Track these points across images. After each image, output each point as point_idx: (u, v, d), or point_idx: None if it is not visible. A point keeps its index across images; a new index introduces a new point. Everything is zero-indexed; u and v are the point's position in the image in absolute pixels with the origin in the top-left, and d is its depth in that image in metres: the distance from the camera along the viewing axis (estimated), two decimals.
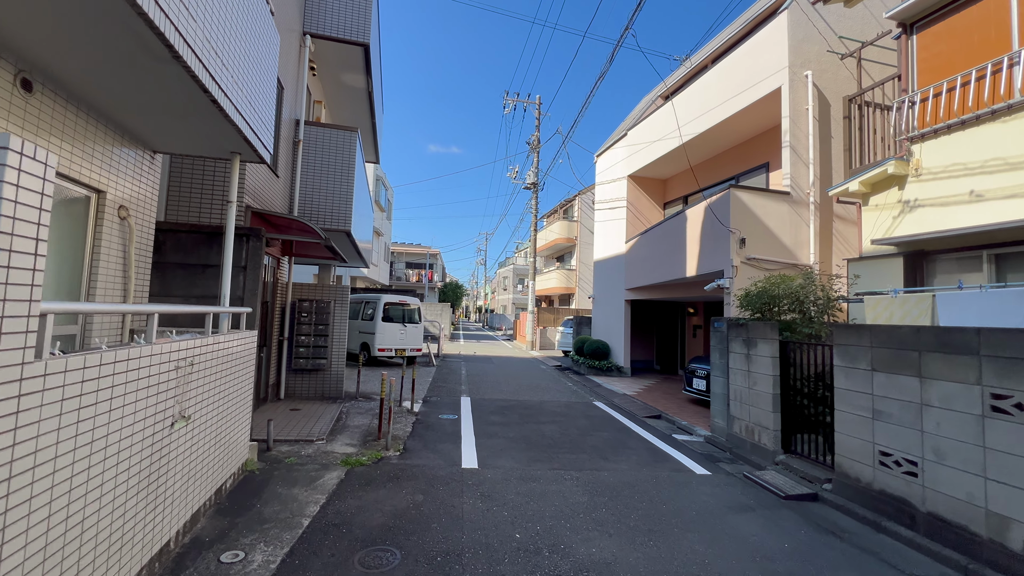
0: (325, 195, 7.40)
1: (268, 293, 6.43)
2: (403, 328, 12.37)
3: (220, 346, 3.38)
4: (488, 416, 7.10)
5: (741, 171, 9.75)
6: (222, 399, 3.46)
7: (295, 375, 7.26)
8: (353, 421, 6.23)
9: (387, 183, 29.28)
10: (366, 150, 12.73)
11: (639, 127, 12.12)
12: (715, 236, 7.43)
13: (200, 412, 3.06)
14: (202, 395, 3.07)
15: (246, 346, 4.02)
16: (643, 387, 10.57)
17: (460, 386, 9.83)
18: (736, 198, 7.06)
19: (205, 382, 3.12)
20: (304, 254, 7.24)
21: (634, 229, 12.42)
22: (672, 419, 7.41)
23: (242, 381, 3.95)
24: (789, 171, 7.30)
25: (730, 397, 6.04)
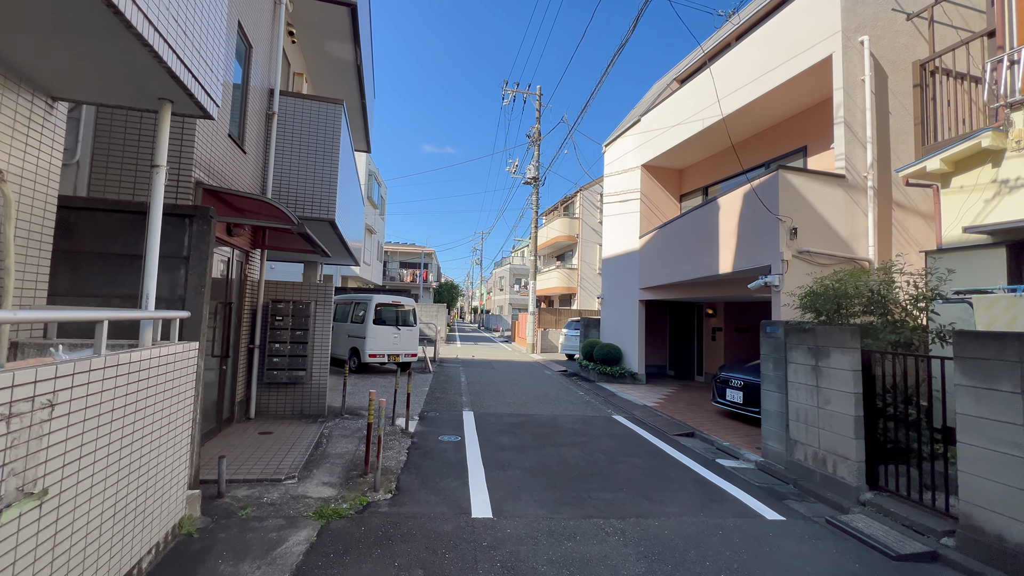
0: (305, 178, 6.32)
1: (232, 293, 5.33)
2: (396, 331, 11.28)
3: (127, 367, 2.30)
4: (496, 437, 6.05)
5: (772, 157, 8.77)
6: (133, 444, 2.39)
7: (268, 390, 6.16)
8: (335, 447, 5.14)
9: (380, 179, 28.15)
10: (356, 136, 11.63)
11: (654, 112, 11.12)
12: (758, 226, 6.43)
13: (80, 475, 1.98)
14: (84, 448, 2.00)
15: (181, 363, 2.94)
16: (662, 396, 9.56)
17: (461, 397, 8.76)
18: (786, 181, 6.06)
19: (92, 426, 2.05)
20: (281, 246, 6.15)
21: (649, 223, 11.42)
22: (708, 438, 6.40)
23: (174, 411, 2.87)
24: (844, 151, 6.31)
25: (789, 416, 5.03)
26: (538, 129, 20.77)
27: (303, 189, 6.30)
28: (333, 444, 5.26)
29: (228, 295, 5.21)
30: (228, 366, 5.36)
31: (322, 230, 7.04)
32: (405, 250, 40.56)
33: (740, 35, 9.17)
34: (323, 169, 6.39)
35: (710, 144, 9.97)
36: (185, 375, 3.01)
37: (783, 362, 5.17)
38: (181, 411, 2.98)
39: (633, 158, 12.00)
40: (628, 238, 11.97)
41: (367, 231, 25.86)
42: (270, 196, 6.07)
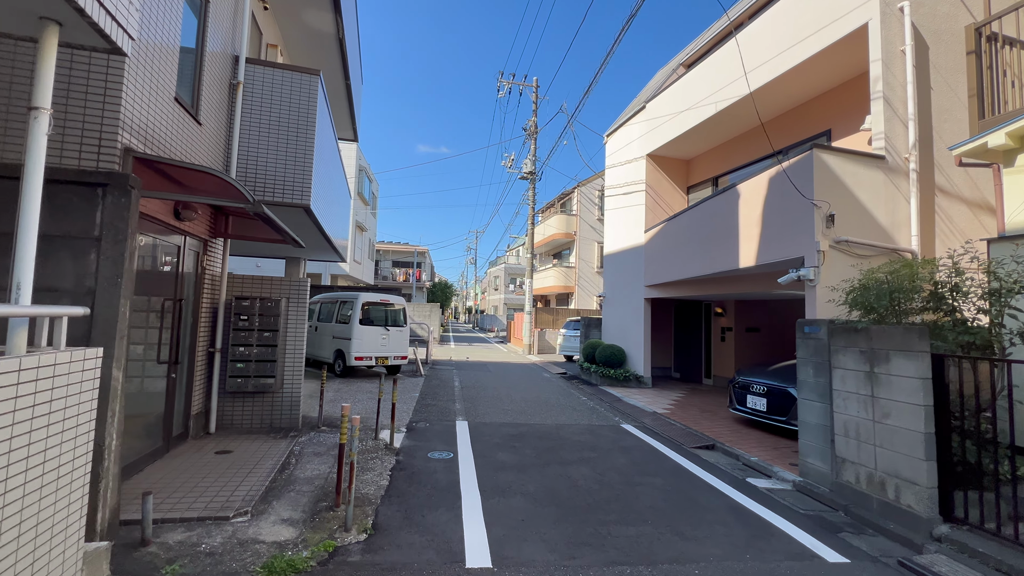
0: (276, 158, 5.54)
1: (183, 287, 4.54)
2: (385, 332, 10.50)
3: None
4: (494, 452, 5.30)
5: (791, 143, 8.09)
6: None
7: (232, 400, 5.37)
8: (305, 469, 4.37)
9: (371, 175, 27.31)
10: (340, 123, 10.84)
11: (661, 98, 10.42)
12: (788, 214, 5.73)
13: None
14: None
15: (75, 376, 2.17)
16: (672, 402, 8.86)
17: (454, 404, 8.00)
18: (821, 162, 5.36)
19: None
20: (247, 235, 5.36)
21: (654, 216, 10.72)
22: (732, 451, 5.69)
23: (62, 440, 2.10)
24: (884, 130, 5.63)
25: (835, 430, 4.33)
26: (534, 122, 20.05)
27: (274, 171, 5.52)
28: (303, 465, 4.48)
29: (179, 290, 4.43)
30: (180, 373, 4.57)
31: (297, 218, 6.26)
32: (398, 249, 39.70)
33: (760, 8, 8.50)
34: (297, 149, 5.62)
35: (722, 130, 9.29)
36: (81, 391, 2.23)
37: (826, 367, 4.47)
38: (74, 439, 2.21)
39: (637, 147, 11.30)
40: (632, 232, 11.27)
41: (358, 228, 25.00)
42: (234, 174, 5.29)
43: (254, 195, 5.14)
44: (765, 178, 6.22)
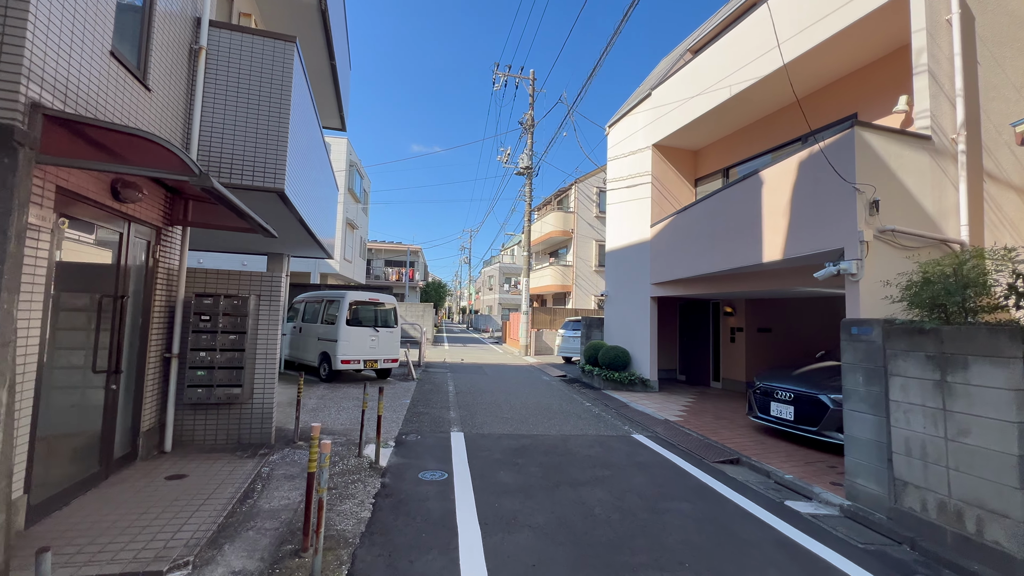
0: (246, 136, 4.85)
1: (127, 282, 3.84)
2: (374, 333, 9.79)
3: None
4: (494, 471, 4.64)
5: (812, 129, 7.49)
6: None
7: (194, 413, 4.66)
8: (272, 498, 3.69)
9: (362, 170, 26.54)
10: (325, 109, 10.14)
11: (668, 84, 9.82)
12: (824, 201, 5.13)
13: None
14: None
15: None
16: (683, 408, 8.25)
17: (448, 412, 7.32)
18: (863, 141, 4.76)
19: None
20: (212, 223, 4.65)
21: (661, 210, 10.12)
22: (761, 467, 5.07)
23: None
24: (929, 107, 5.04)
25: (893, 448, 3.72)
26: (531, 115, 19.41)
27: (243, 150, 4.83)
28: (270, 492, 3.79)
29: (121, 285, 3.72)
30: (125, 383, 3.86)
31: (271, 206, 5.56)
32: (390, 248, 38.93)
33: None
34: (270, 126, 4.93)
35: (734, 118, 8.70)
36: None
37: (880, 374, 3.85)
38: None
39: (642, 138, 10.69)
40: (637, 227, 10.66)
41: (348, 226, 24.22)
42: (195, 156, 4.59)
43: (212, 172, 4.46)
44: (794, 162, 5.61)
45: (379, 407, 4.69)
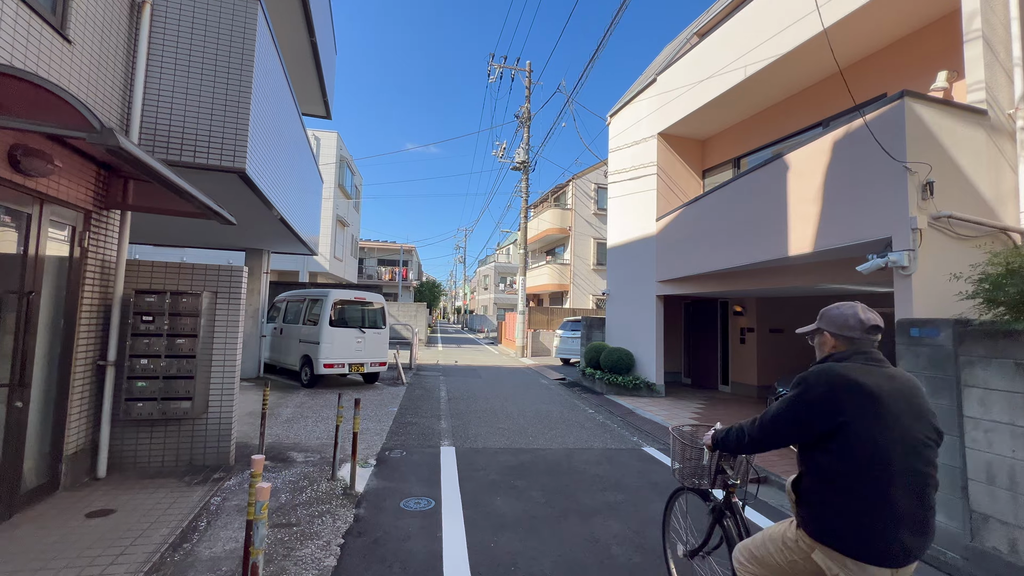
0: (199, 106, 4.16)
1: (37, 276, 3.13)
2: (360, 335, 9.09)
3: None
4: (490, 497, 3.97)
5: (835, 112, 6.90)
6: None
7: (136, 430, 3.96)
8: (215, 541, 3.00)
9: (353, 166, 25.78)
10: (307, 94, 9.43)
11: (674, 69, 9.20)
12: (866, 184, 4.50)
13: None
14: None
15: None
16: (693, 415, 7.62)
17: (439, 422, 6.65)
18: (914, 115, 4.14)
19: None
20: (157, 206, 3.95)
21: (667, 203, 9.50)
22: None
23: None
24: (983, 78, 4.43)
25: (970, 475, 3.09)
26: (527, 108, 18.76)
27: (196, 124, 4.14)
28: (216, 531, 3.11)
29: (28, 280, 3.02)
30: (35, 399, 3.16)
31: (234, 191, 4.88)
32: (383, 246, 38.14)
33: None
34: (228, 96, 4.25)
35: (747, 102, 8.08)
36: None
37: (952, 385, 3.23)
38: None
39: (646, 126, 10.07)
40: (641, 222, 10.04)
41: (339, 223, 23.46)
42: (138, 127, 3.90)
43: (159, 148, 3.78)
44: (828, 142, 4.99)
45: (355, 422, 4.01)
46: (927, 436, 1.51)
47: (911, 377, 1.62)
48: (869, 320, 1.65)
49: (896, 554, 1.43)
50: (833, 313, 1.73)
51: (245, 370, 9.51)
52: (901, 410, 1.50)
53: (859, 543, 1.45)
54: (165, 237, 9.31)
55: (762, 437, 1.81)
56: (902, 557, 1.43)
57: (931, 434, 1.53)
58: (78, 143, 3.07)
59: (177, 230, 8.25)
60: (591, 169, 23.37)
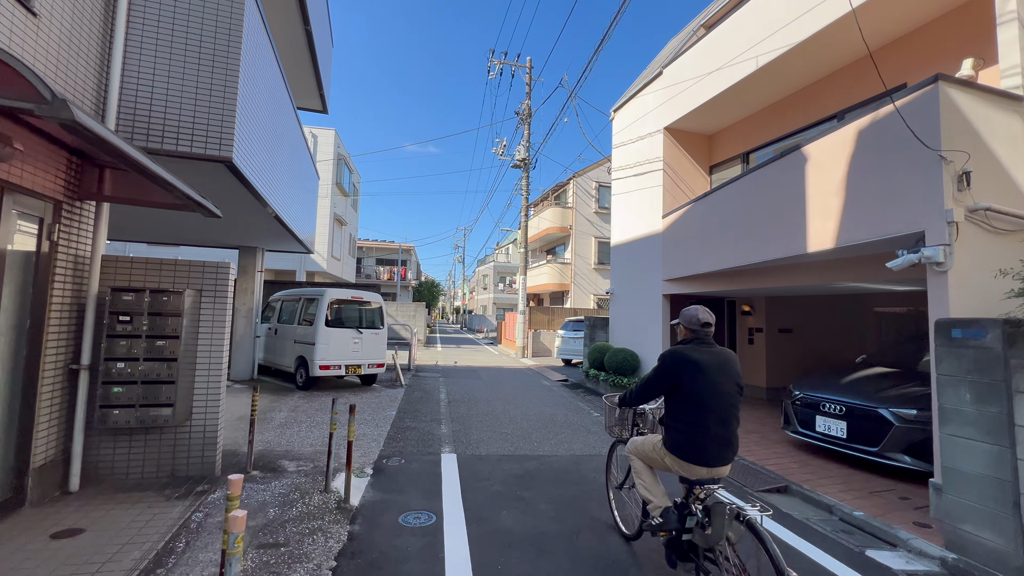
0: (183, 91, 3.88)
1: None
2: (357, 335, 8.81)
3: None
4: (496, 511, 3.69)
5: (848, 105, 6.65)
6: None
7: (112, 439, 3.67)
8: (193, 566, 2.71)
9: (351, 164, 25.49)
10: (302, 84, 9.14)
11: (681, 61, 8.93)
12: (894, 174, 4.23)
13: None
14: None
15: None
16: None
17: (439, 426, 6.36)
18: (949, 101, 3.87)
19: None
20: (137, 198, 3.66)
21: (674, 199, 9.23)
22: (819, 498, 4.17)
23: None
24: (1020, 62, 4.17)
25: (1022, 489, 2.82)
26: (528, 105, 18.49)
27: (180, 109, 3.86)
28: (195, 553, 2.82)
29: None
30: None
31: (221, 182, 4.59)
32: (382, 246, 37.86)
33: None
34: (214, 80, 3.96)
35: (758, 95, 7.82)
36: None
37: (1001, 390, 2.96)
38: None
39: (652, 121, 9.80)
40: (646, 219, 9.77)
41: (336, 221, 23.15)
42: (115, 112, 3.61)
43: (139, 135, 3.49)
44: (851, 131, 4.72)
45: (350, 430, 3.72)
46: (732, 389, 2.47)
47: (728, 352, 2.58)
48: (704, 319, 2.61)
49: (710, 459, 2.39)
50: (687, 314, 2.67)
51: (239, 372, 9.22)
52: (716, 373, 2.43)
53: (689, 452, 2.42)
54: (158, 234, 9.03)
55: (643, 393, 2.75)
56: (714, 461, 2.39)
57: (734, 388, 2.49)
58: (43, 124, 2.79)
59: (170, 227, 7.96)
60: (592, 167, 23.11)
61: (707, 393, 2.41)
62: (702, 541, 2.37)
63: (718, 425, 2.39)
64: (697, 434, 2.40)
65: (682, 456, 2.44)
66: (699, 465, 2.40)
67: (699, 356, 2.48)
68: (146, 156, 2.79)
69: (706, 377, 2.42)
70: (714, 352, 2.54)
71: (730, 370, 2.51)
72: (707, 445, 2.39)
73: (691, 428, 2.42)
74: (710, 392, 2.41)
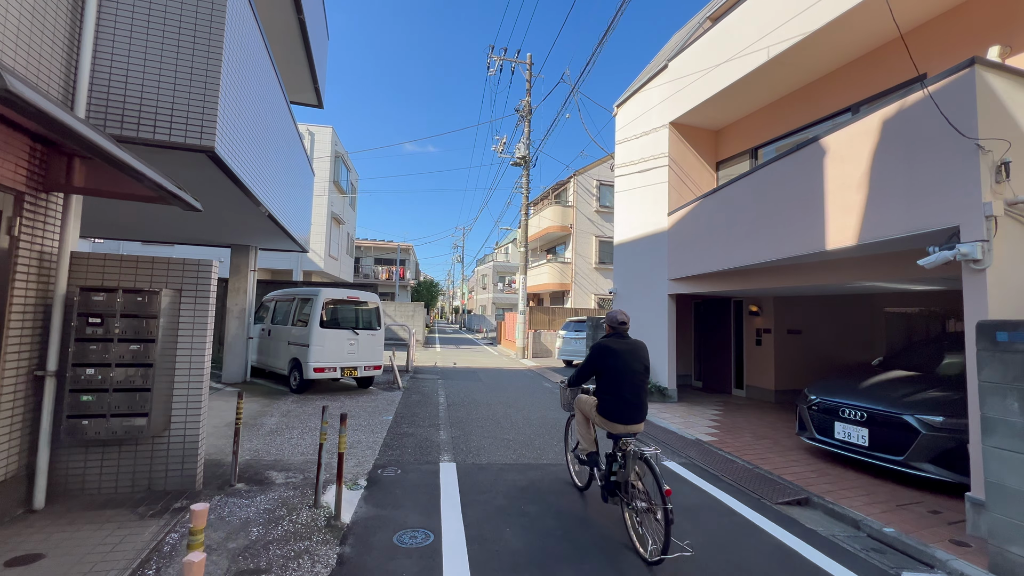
0: (160, 74, 3.60)
1: None
2: (353, 336, 8.52)
3: None
4: (499, 528, 3.42)
5: (864, 97, 6.39)
6: None
7: (83, 452, 3.39)
8: None
9: (349, 163, 25.18)
10: (295, 76, 8.85)
11: (688, 54, 8.66)
12: (923, 165, 3.96)
13: None
14: None
15: None
16: (711, 423, 7.08)
17: (437, 432, 6.09)
18: (986, 86, 3.60)
19: None
20: (109, 189, 3.38)
21: (680, 196, 8.97)
22: (842, 511, 3.90)
23: None
24: None
25: None
26: (528, 102, 18.21)
27: (157, 94, 3.57)
28: None
29: None
30: None
31: (205, 175, 4.31)
32: (380, 245, 37.53)
33: None
34: (195, 63, 3.68)
35: (768, 88, 7.56)
36: None
37: None
38: None
39: (657, 116, 9.52)
40: (651, 217, 9.50)
41: (334, 220, 22.85)
42: (85, 97, 3.33)
43: (112, 122, 3.21)
44: (875, 121, 4.45)
45: (340, 442, 3.44)
46: (640, 369, 3.41)
47: (638, 342, 3.53)
48: (621, 319, 3.58)
49: (626, 419, 3.34)
50: (610, 316, 3.62)
51: (231, 374, 8.94)
52: (629, 358, 3.39)
53: (612, 414, 3.36)
54: (151, 233, 8.74)
55: (580, 376, 3.71)
56: (629, 420, 3.34)
57: (642, 368, 3.42)
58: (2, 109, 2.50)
59: (162, 225, 7.67)
60: (593, 165, 22.85)
61: (623, 372, 3.40)
62: (622, 478, 3.30)
63: (632, 395, 3.39)
64: (617, 401, 3.38)
65: (607, 417, 3.43)
66: (619, 423, 3.40)
67: (617, 346, 3.49)
68: (112, 141, 2.51)
69: (622, 361, 3.41)
70: (628, 343, 3.53)
71: (639, 355, 3.48)
72: (624, 409, 3.37)
73: (613, 397, 3.40)
74: (625, 372, 3.40)
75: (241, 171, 4.41)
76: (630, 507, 3.19)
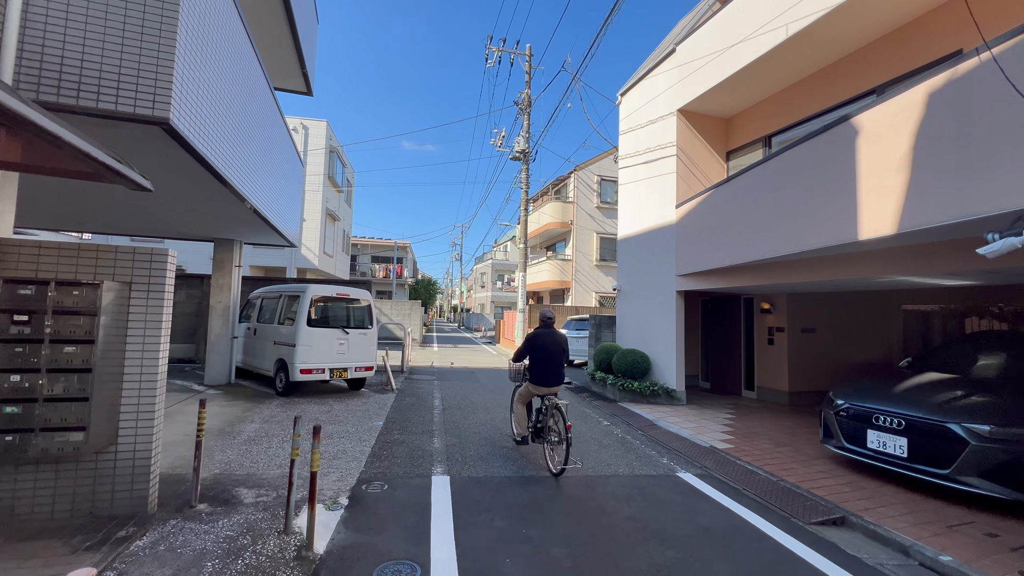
0: (103, 34, 3.11)
1: None
2: (343, 336, 8.03)
3: None
4: (497, 558, 2.94)
5: (890, 78, 5.92)
6: None
7: (9, 472, 2.90)
8: None
9: (344, 158, 24.64)
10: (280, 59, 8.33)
11: (697, 36, 8.16)
12: (980, 142, 3.49)
13: None
14: None
15: None
16: (724, 428, 6.62)
17: (431, 439, 5.61)
18: None
19: None
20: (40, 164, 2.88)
21: (689, 187, 8.49)
22: (887, 534, 3.44)
23: None
24: None
25: None
26: (527, 95, 17.69)
27: (101, 57, 3.08)
28: None
29: None
30: None
31: (160, 151, 3.82)
32: (377, 243, 37.00)
33: None
34: (147, 21, 3.19)
35: (784, 70, 7.08)
36: None
37: None
38: None
39: (664, 103, 9.04)
40: (657, 209, 9.02)
41: (329, 217, 22.32)
42: (13, 57, 2.84)
43: (47, 85, 2.74)
44: (919, 94, 3.96)
45: (313, 460, 2.97)
46: (558, 351, 4.99)
47: (558, 332, 5.14)
48: (548, 315, 5.14)
49: (549, 383, 4.94)
50: (543, 313, 5.16)
51: (214, 376, 8.46)
52: (551, 343, 4.96)
53: (540, 380, 4.94)
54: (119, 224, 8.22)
55: (519, 355, 5.25)
56: (550, 384, 4.95)
57: (560, 350, 5.00)
58: None
59: (131, 216, 7.18)
60: (594, 160, 22.37)
61: (547, 353, 4.90)
62: (543, 424, 4.80)
63: (552, 368, 4.93)
64: (543, 372, 4.90)
65: (536, 383, 4.94)
66: (544, 386, 4.92)
67: (544, 333, 5.01)
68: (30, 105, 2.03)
69: (545, 345, 4.90)
70: (551, 332, 5.04)
71: (558, 341, 5.02)
72: (548, 376, 4.90)
73: (540, 369, 4.91)
74: (548, 352, 4.91)
75: (209, 152, 3.91)
76: (548, 442, 4.72)
